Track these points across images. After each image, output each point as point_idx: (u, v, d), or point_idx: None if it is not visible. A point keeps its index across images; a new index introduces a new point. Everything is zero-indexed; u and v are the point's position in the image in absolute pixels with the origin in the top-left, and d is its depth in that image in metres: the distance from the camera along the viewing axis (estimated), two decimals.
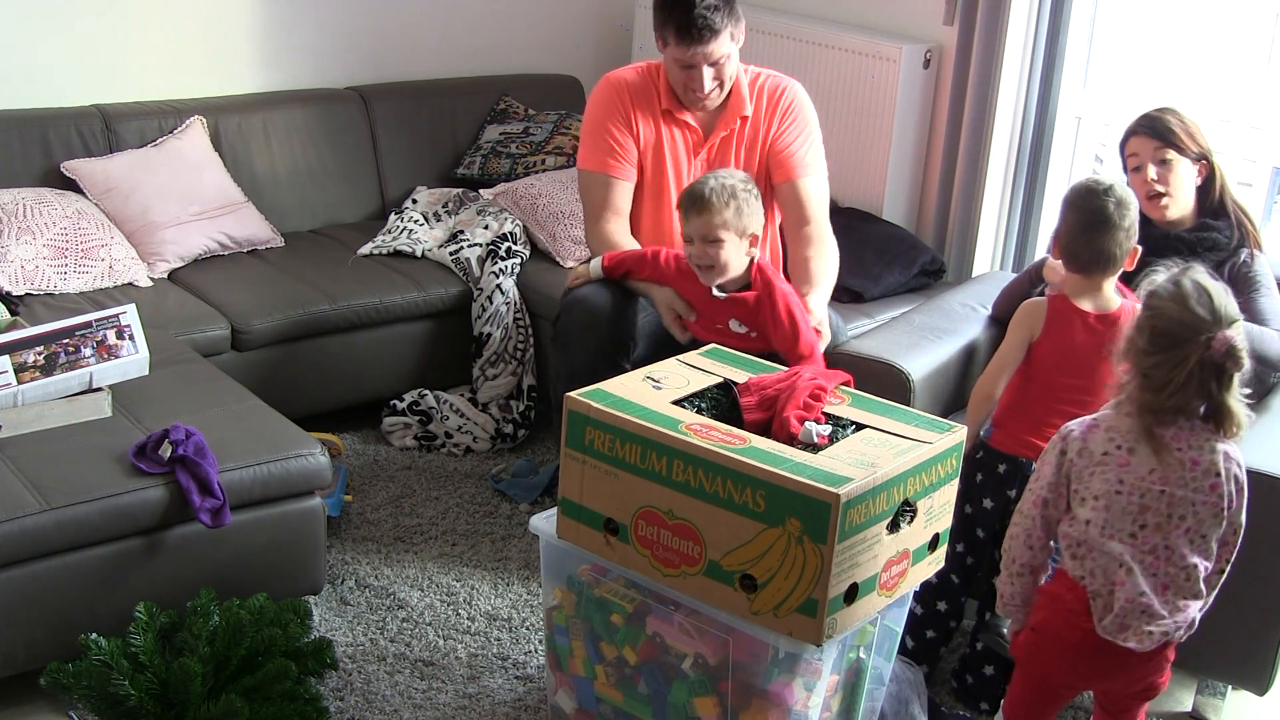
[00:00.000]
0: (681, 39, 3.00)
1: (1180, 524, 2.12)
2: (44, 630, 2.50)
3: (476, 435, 3.70)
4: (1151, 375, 2.10)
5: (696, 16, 2.95)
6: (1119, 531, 2.13)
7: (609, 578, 2.37)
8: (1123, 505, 2.13)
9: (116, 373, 2.80)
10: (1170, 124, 2.88)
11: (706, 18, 2.95)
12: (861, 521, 2.08)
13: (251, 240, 3.86)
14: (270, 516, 2.71)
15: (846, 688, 2.37)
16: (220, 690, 2.39)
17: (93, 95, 3.88)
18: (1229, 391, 2.09)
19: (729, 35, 3.02)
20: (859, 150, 4.11)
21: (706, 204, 2.79)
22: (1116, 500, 2.13)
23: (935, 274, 3.93)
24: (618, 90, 3.18)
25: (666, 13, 3.02)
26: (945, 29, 3.92)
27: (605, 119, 3.18)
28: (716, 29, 2.97)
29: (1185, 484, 2.11)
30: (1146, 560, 2.13)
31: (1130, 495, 2.12)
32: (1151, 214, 2.90)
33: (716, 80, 3.07)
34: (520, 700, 2.67)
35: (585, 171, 3.22)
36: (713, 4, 2.96)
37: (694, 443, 2.15)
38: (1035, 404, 2.62)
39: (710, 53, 3.01)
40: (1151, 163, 2.89)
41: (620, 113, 3.16)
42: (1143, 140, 2.90)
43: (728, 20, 2.99)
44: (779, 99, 3.18)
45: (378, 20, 4.39)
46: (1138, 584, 2.13)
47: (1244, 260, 2.88)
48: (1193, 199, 2.92)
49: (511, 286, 3.82)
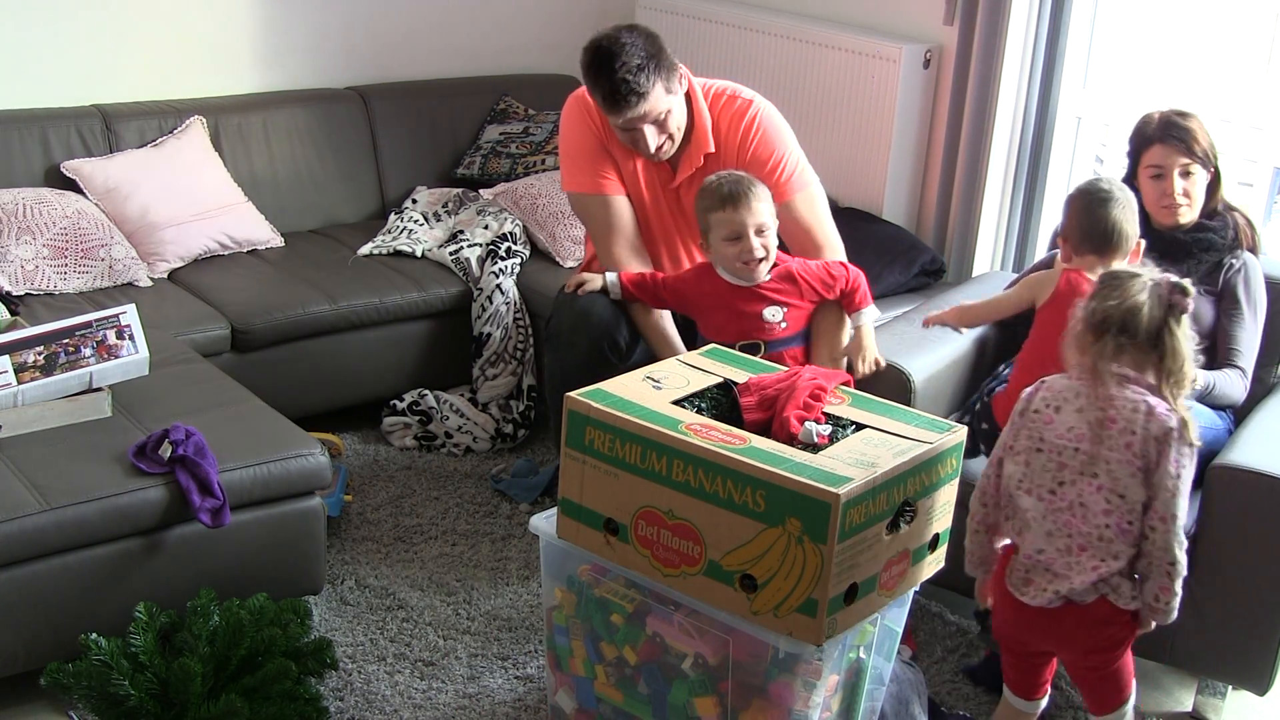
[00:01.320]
0: (609, 108, 2.87)
1: (1093, 481, 2.15)
2: (44, 630, 2.50)
3: (476, 435, 3.70)
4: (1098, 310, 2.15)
5: (619, 83, 2.80)
6: (1037, 487, 2.19)
7: (609, 578, 2.37)
8: (1042, 462, 2.19)
9: (116, 373, 2.80)
10: (1196, 135, 2.85)
11: (629, 81, 2.80)
12: (861, 521, 2.08)
13: (251, 240, 3.86)
14: (270, 516, 2.71)
15: (846, 688, 2.37)
16: (220, 690, 2.39)
17: (93, 95, 3.88)
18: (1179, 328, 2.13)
19: (661, 90, 2.85)
20: (859, 150, 4.10)
21: (748, 195, 2.77)
22: (1036, 458, 2.19)
23: (935, 274, 3.93)
24: (589, 110, 3.04)
25: (590, 83, 2.88)
26: (945, 29, 3.92)
27: (582, 139, 3.07)
28: (642, 91, 2.81)
29: (1100, 441, 2.14)
30: (1061, 518, 2.17)
31: (1050, 452, 2.18)
32: (1162, 219, 2.90)
33: (664, 135, 2.94)
34: (520, 700, 2.67)
35: (578, 195, 3.10)
36: (634, 64, 2.80)
37: (694, 443, 2.15)
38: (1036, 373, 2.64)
39: (644, 114, 2.86)
40: (1176, 174, 2.86)
41: (593, 133, 3.05)
42: (1168, 151, 2.86)
43: (655, 76, 2.83)
44: (743, 122, 3.02)
45: (378, 20, 4.39)
46: (1035, 540, 2.18)
47: (1237, 267, 2.89)
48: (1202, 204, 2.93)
49: (511, 286, 3.82)
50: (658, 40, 2.89)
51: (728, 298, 2.88)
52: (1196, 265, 2.89)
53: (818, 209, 3.08)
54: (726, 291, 2.88)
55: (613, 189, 3.07)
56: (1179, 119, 2.88)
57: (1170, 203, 2.87)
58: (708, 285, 2.90)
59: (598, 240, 3.12)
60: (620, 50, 2.82)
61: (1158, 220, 2.91)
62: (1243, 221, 2.94)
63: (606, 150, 3.06)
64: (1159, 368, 2.15)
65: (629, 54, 2.82)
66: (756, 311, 2.86)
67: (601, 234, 3.09)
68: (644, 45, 2.84)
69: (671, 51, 2.91)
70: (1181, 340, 2.14)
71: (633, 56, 2.81)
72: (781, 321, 2.87)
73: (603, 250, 3.11)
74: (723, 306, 2.89)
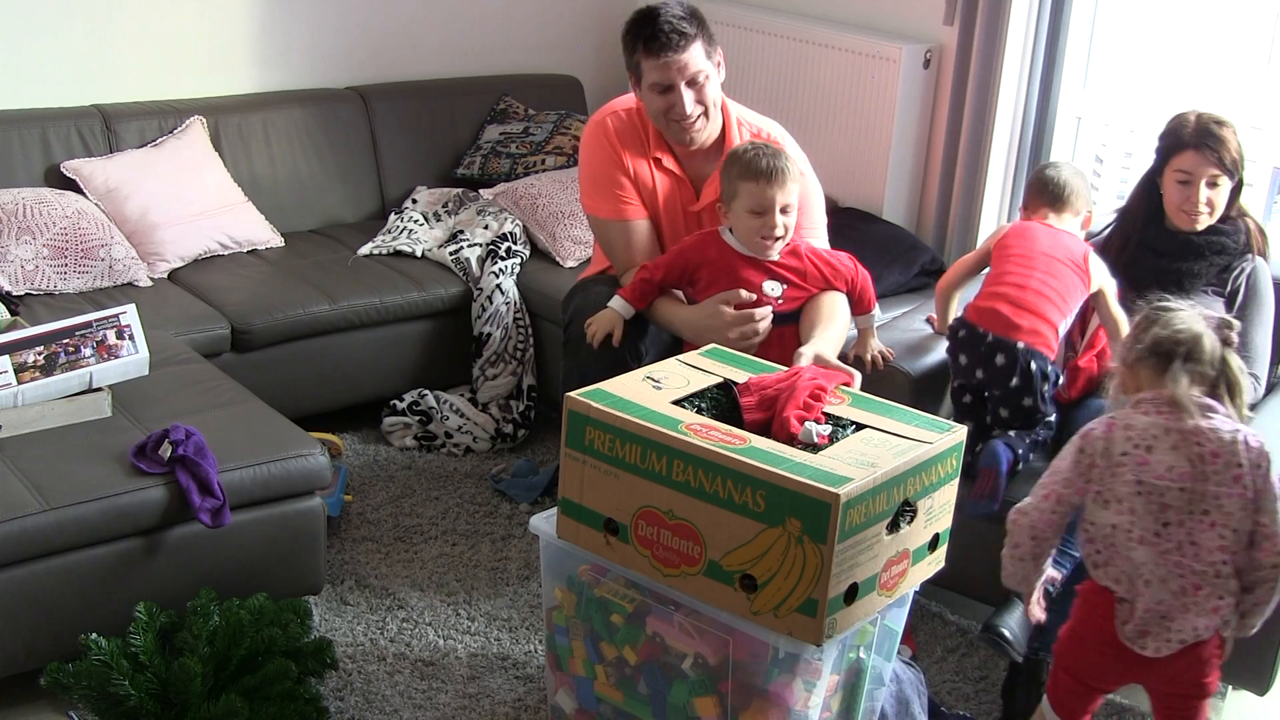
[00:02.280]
0: (651, 50, 2.89)
1: (1204, 519, 2.11)
2: (44, 630, 2.50)
3: (476, 435, 3.70)
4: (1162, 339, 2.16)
5: (663, 23, 2.88)
6: (1144, 532, 2.13)
7: (609, 578, 2.37)
8: (1144, 505, 2.12)
9: (116, 373, 2.79)
10: (1229, 145, 2.82)
11: (673, 23, 2.88)
12: (861, 521, 2.08)
13: (251, 240, 3.86)
14: (270, 516, 2.71)
15: (846, 688, 2.37)
16: (220, 690, 2.39)
17: (93, 95, 3.88)
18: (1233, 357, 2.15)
19: (702, 50, 2.91)
20: (859, 150, 4.10)
21: (783, 174, 2.77)
22: (1138, 501, 2.13)
23: (935, 274, 3.92)
24: (607, 133, 3.05)
25: (635, 33, 2.94)
26: (945, 29, 3.92)
27: (602, 163, 3.06)
28: (687, 34, 2.88)
29: (1205, 478, 2.10)
30: (1171, 559, 2.12)
31: (1150, 495, 2.12)
32: (1180, 223, 2.91)
33: (699, 103, 2.94)
34: (520, 700, 2.67)
35: (600, 220, 3.10)
36: (677, 14, 2.90)
37: (694, 443, 2.15)
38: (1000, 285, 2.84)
39: (685, 64, 2.89)
40: (1203, 183, 2.84)
41: (614, 155, 3.04)
42: (1200, 160, 2.83)
43: (699, 31, 2.91)
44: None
45: (378, 20, 4.39)
46: (1156, 593, 2.13)
47: (1248, 271, 2.90)
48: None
49: (511, 286, 3.82)
50: (700, 12, 2.99)
51: (732, 265, 2.86)
52: (1207, 267, 2.89)
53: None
54: (732, 258, 2.86)
55: (634, 213, 3.06)
56: (1216, 127, 2.83)
57: (1193, 210, 2.86)
58: (712, 252, 2.88)
59: (617, 262, 3.10)
60: (665, 7, 2.93)
61: (1174, 222, 2.92)
62: (1254, 227, 2.94)
63: (626, 171, 3.05)
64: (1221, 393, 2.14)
65: (673, 7, 2.94)
66: (757, 283, 2.85)
67: (622, 257, 3.08)
68: (688, 6, 2.96)
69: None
70: (1238, 365, 2.16)
71: (675, 9, 2.93)
72: (779, 298, 2.86)
73: (621, 269, 3.09)
74: (725, 274, 2.86)
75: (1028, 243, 2.87)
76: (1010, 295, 2.80)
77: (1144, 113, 3.70)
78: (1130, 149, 3.93)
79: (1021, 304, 2.78)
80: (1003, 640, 2.57)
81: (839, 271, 2.91)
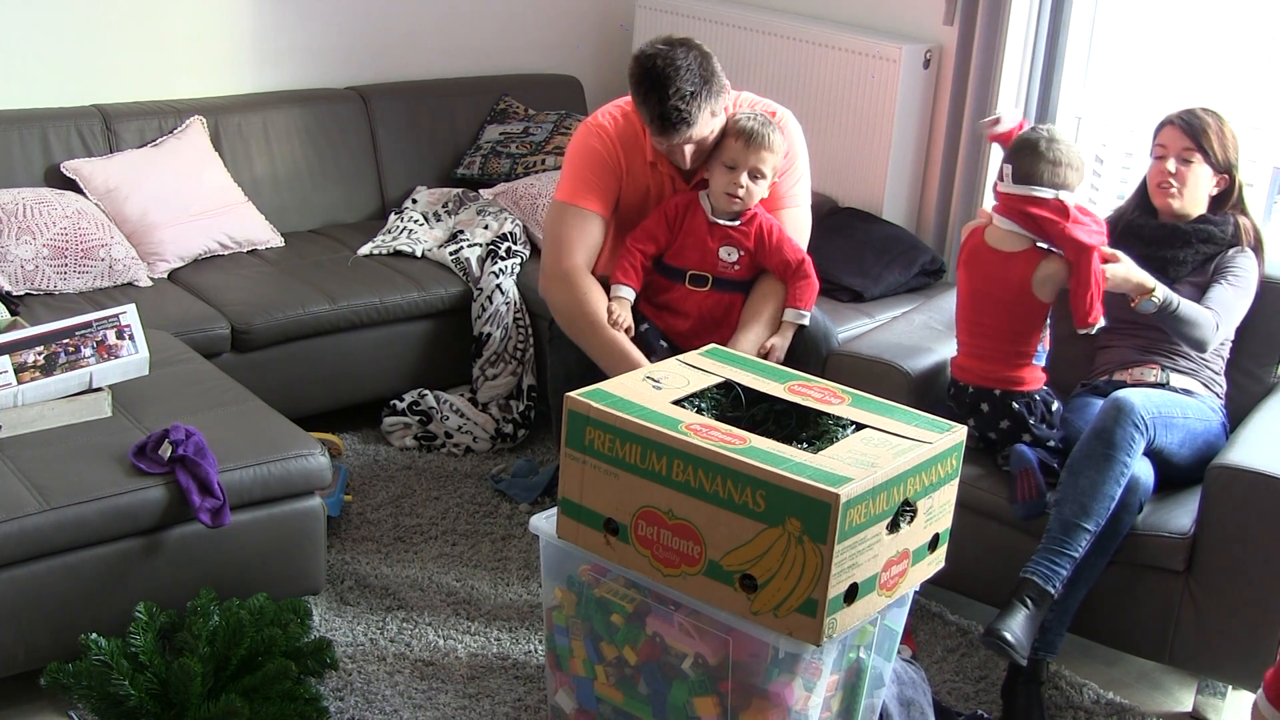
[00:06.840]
0: (656, 131, 2.86)
1: None
2: (44, 630, 2.50)
3: (476, 435, 3.70)
4: None
5: (670, 110, 2.79)
6: None
7: (609, 578, 2.37)
8: None
9: (116, 373, 2.80)
10: (1207, 126, 2.89)
11: (680, 110, 2.78)
12: (861, 521, 2.08)
13: (251, 240, 3.86)
14: (270, 516, 2.71)
15: (846, 688, 2.37)
16: (220, 690, 2.39)
17: (93, 95, 3.88)
18: None
19: (708, 115, 2.85)
20: (859, 150, 4.11)
21: (762, 140, 2.89)
22: None
23: (935, 274, 3.93)
24: (603, 135, 3.02)
25: (640, 102, 2.86)
26: (945, 29, 3.92)
27: (591, 159, 3.02)
28: (691, 121, 2.80)
29: None
30: None
31: None
32: (1156, 201, 2.96)
33: (701, 152, 2.95)
34: (520, 700, 2.67)
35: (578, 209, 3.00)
36: (687, 92, 2.78)
37: (694, 443, 2.15)
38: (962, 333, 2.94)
39: (689, 138, 2.86)
40: (1174, 157, 2.91)
41: (609, 155, 3.01)
42: (1175, 133, 2.91)
43: (705, 103, 2.81)
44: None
45: (378, 20, 4.39)
46: None
47: (1231, 255, 2.92)
48: (1204, 203, 2.94)
49: (511, 286, 3.82)
50: (711, 62, 2.86)
51: (701, 230, 2.99)
52: (1193, 254, 2.93)
53: (796, 229, 3.06)
54: (702, 224, 2.99)
55: (604, 210, 3.02)
56: (1202, 111, 2.93)
57: (1163, 180, 2.92)
58: (690, 214, 3.00)
59: (564, 246, 2.99)
60: (675, 75, 2.79)
61: (1154, 202, 2.97)
62: (1248, 224, 2.96)
63: (619, 176, 3.03)
64: None
65: (683, 79, 2.78)
66: (715, 248, 2.98)
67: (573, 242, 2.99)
68: (699, 70, 2.81)
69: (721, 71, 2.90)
70: None
71: (686, 83, 2.79)
72: (735, 264, 2.99)
73: (565, 255, 2.98)
74: (693, 236, 3.00)
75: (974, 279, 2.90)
76: (972, 347, 2.91)
77: (1144, 113, 3.70)
78: (1130, 149, 3.93)
79: (984, 354, 2.89)
80: (1006, 645, 2.57)
81: (788, 259, 2.99)
